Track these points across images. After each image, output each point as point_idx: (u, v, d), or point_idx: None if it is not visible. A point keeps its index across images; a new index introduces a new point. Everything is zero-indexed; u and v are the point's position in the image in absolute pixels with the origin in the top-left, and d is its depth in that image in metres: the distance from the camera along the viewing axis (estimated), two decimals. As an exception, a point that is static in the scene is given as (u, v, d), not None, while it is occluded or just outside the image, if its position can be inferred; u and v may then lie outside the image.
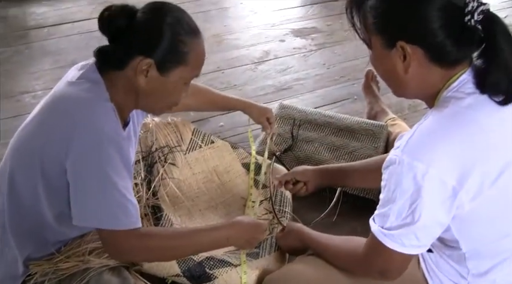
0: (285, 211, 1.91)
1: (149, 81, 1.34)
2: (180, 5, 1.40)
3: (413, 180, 1.09)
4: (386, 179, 1.17)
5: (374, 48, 1.23)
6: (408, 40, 1.14)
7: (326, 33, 3.71)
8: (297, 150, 2.29)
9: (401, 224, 1.14)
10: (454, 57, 1.16)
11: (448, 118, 1.14)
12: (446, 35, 1.12)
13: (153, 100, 1.42)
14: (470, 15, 1.09)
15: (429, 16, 1.11)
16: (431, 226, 1.14)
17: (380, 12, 1.17)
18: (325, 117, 2.45)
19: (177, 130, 1.97)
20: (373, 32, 1.20)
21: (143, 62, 1.31)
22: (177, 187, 1.87)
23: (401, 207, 1.13)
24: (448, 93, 1.17)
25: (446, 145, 1.10)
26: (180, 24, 1.34)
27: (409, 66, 1.17)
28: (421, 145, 1.12)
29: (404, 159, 1.11)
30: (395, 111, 2.73)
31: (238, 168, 2.03)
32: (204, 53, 1.43)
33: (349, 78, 3.13)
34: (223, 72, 3.17)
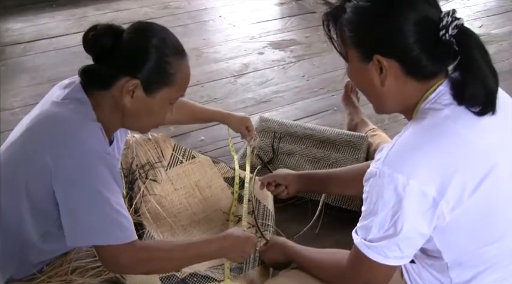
0: (268, 225, 1.90)
1: (135, 101, 1.34)
2: (158, 19, 1.41)
3: (395, 192, 1.10)
4: (367, 191, 1.17)
5: (351, 61, 1.24)
6: (384, 54, 1.16)
7: (305, 45, 3.73)
8: (278, 163, 2.28)
9: (383, 236, 1.15)
10: (430, 71, 1.18)
11: (427, 129, 1.15)
12: (422, 49, 1.13)
13: (138, 120, 1.42)
14: (444, 29, 1.11)
15: (405, 30, 1.13)
16: (413, 237, 1.15)
17: (356, 26, 1.19)
18: (305, 130, 2.46)
19: (158, 146, 1.95)
20: (350, 45, 1.21)
21: (129, 82, 1.31)
22: (159, 204, 1.86)
23: (383, 218, 1.13)
24: (426, 105, 1.18)
25: (426, 156, 1.11)
26: (167, 45, 1.35)
27: (386, 79, 1.18)
28: (401, 157, 1.12)
29: (385, 171, 1.11)
30: (376, 121, 2.74)
31: (220, 182, 2.02)
32: (190, 72, 1.43)
33: (328, 89, 3.15)
34: (203, 86, 3.16)
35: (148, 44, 1.32)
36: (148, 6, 4.31)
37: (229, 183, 2.03)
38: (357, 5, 1.18)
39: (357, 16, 1.18)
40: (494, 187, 1.14)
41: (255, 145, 2.14)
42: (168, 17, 4.10)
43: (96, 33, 1.33)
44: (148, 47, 1.32)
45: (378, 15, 1.16)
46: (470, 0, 4.52)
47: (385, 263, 1.17)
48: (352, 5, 1.19)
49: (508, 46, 3.78)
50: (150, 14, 4.14)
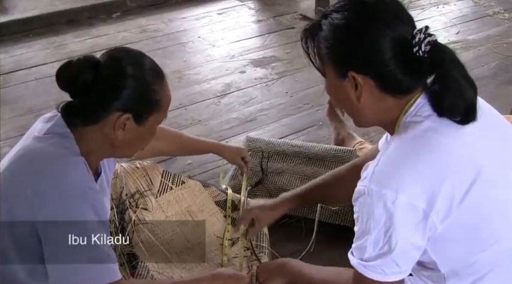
0: (263, 246, 1.89)
1: (126, 132, 1.33)
2: (138, 42, 1.40)
3: (384, 208, 1.11)
4: (357, 211, 1.18)
5: (328, 77, 1.26)
6: (359, 70, 1.18)
7: (286, 61, 3.74)
8: (268, 183, 2.27)
9: (379, 254, 1.15)
10: (405, 87, 1.19)
11: (410, 142, 1.16)
12: (396, 65, 1.15)
13: (128, 148, 1.41)
14: (417, 46, 1.13)
15: (379, 48, 1.15)
16: (408, 250, 1.15)
17: (332, 43, 1.20)
18: (293, 147, 2.45)
19: (146, 174, 1.93)
20: (326, 61, 1.23)
21: (122, 117, 1.30)
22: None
23: (377, 236, 1.14)
24: (407, 118, 1.20)
25: (412, 170, 1.11)
26: (146, 71, 1.33)
27: (361, 95, 1.19)
28: (387, 173, 1.13)
29: (373, 188, 1.12)
30: (362, 134, 2.75)
31: (211, 206, 2.00)
32: (170, 92, 1.43)
33: (312, 104, 3.15)
34: (186, 108, 3.15)
35: (127, 75, 1.29)
36: (127, 30, 4.29)
37: (220, 207, 2.01)
38: (332, 22, 1.20)
39: (332, 33, 1.20)
40: (482, 193, 1.14)
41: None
42: (146, 40, 4.09)
43: (74, 69, 1.29)
44: (128, 78, 1.29)
45: (352, 32, 1.17)
46: (446, 8, 4.59)
47: (385, 280, 1.17)
48: (328, 22, 1.21)
49: (486, 51, 3.83)
50: (129, 38, 4.13)
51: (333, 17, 1.20)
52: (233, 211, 2.01)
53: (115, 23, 4.48)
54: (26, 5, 4.54)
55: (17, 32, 4.17)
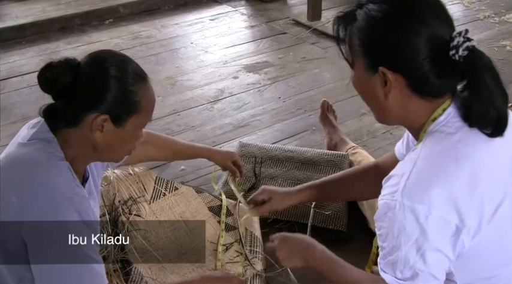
0: (256, 252, 1.89)
1: (105, 134, 1.32)
2: (130, 49, 1.40)
3: (417, 223, 1.08)
4: (386, 226, 1.14)
5: (356, 70, 1.22)
6: (391, 67, 1.14)
7: (278, 66, 3.75)
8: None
9: (414, 273, 1.12)
10: (436, 90, 1.16)
11: (442, 156, 1.12)
12: (430, 66, 1.12)
13: (111, 151, 1.40)
14: (455, 49, 1.09)
15: (415, 46, 1.11)
16: (442, 261, 1.13)
17: (366, 35, 1.16)
18: (285, 152, 2.46)
19: (139, 181, 1.93)
20: (357, 53, 1.19)
21: (98, 118, 1.29)
22: (144, 238, 1.83)
23: (408, 252, 1.11)
24: (436, 127, 1.17)
25: (445, 185, 1.08)
26: (127, 73, 1.32)
27: (389, 93, 1.16)
28: (419, 187, 1.10)
29: (405, 203, 1.09)
30: (354, 138, 2.76)
31: (205, 212, 2.01)
32: (154, 95, 1.41)
33: (305, 109, 3.16)
34: (180, 114, 3.15)
35: (108, 76, 1.29)
36: (119, 37, 4.30)
37: (214, 212, 2.01)
38: (368, 13, 1.16)
39: (367, 25, 1.16)
40: (507, 213, 1.13)
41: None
42: (139, 46, 4.09)
43: (54, 71, 1.29)
44: (109, 80, 1.29)
45: (389, 27, 1.13)
46: (437, 12, 4.60)
47: None
48: (363, 13, 1.17)
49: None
50: (122, 45, 4.13)
51: (369, 7, 1.16)
52: (227, 216, 2.01)
53: (107, 30, 4.48)
54: (19, 12, 4.55)
55: (9, 39, 4.17)
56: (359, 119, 3.02)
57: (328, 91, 3.36)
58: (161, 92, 3.42)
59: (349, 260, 1.39)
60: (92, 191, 1.51)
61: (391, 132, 2.87)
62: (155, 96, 1.42)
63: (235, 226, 1.97)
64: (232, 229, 1.97)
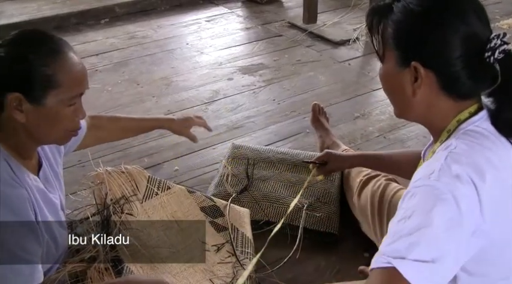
0: (247, 252, 1.89)
1: (27, 114, 1.29)
2: (126, 49, 1.39)
3: (453, 197, 1.01)
4: (412, 206, 1.04)
5: (386, 63, 1.20)
6: (424, 63, 1.12)
7: (273, 68, 3.76)
8: (253, 190, 2.28)
9: (439, 252, 1.00)
10: (466, 90, 1.14)
11: (479, 151, 1.09)
12: (464, 66, 1.10)
13: (45, 132, 1.35)
14: (491, 51, 1.08)
15: (451, 43, 1.09)
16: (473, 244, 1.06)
17: (402, 28, 1.15)
18: (278, 154, 2.47)
19: (132, 179, 1.92)
20: (390, 46, 1.18)
21: (10, 98, 1.26)
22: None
23: (439, 231, 1.00)
24: (469, 126, 1.14)
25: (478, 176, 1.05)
26: (40, 46, 1.29)
27: (419, 89, 1.15)
28: (455, 167, 1.05)
29: (443, 180, 1.03)
30: (348, 141, 2.77)
31: (196, 212, 2.00)
32: (77, 65, 1.35)
33: (299, 112, 3.17)
34: (174, 115, 3.11)
35: (17, 52, 1.26)
36: (115, 37, 4.30)
37: (205, 213, 2.01)
38: (406, 6, 1.14)
39: (404, 18, 1.14)
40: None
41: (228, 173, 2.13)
42: (135, 46, 4.09)
43: None
44: (18, 54, 1.26)
45: (427, 21, 1.11)
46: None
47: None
48: (401, 6, 1.15)
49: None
50: (117, 44, 4.13)
51: (407, 1, 1.14)
52: (217, 217, 2.01)
53: (103, 29, 4.49)
54: (13, 11, 4.54)
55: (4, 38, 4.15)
56: (353, 122, 3.03)
57: (322, 94, 3.37)
58: (156, 92, 3.42)
59: (340, 262, 1.39)
60: (48, 178, 1.49)
61: (385, 136, 2.88)
62: (81, 65, 1.36)
63: (226, 227, 1.97)
64: (223, 230, 1.97)
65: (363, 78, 3.62)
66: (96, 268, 1.66)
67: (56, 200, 1.49)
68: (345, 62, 3.85)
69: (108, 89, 3.47)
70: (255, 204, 2.21)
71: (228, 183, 2.22)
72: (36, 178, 1.41)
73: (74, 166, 2.51)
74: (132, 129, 2.04)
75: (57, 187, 1.55)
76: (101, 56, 3.97)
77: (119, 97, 3.36)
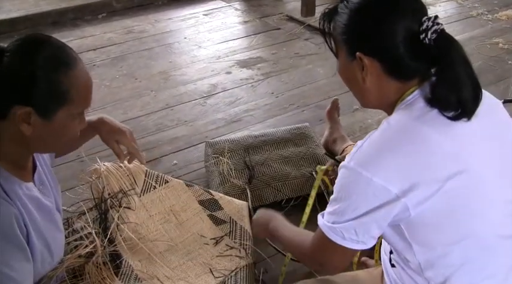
0: (246, 244, 1.89)
1: (34, 127, 1.26)
2: (123, 43, 1.37)
3: (357, 185, 1.17)
4: (337, 181, 1.24)
5: (339, 58, 1.32)
6: (366, 52, 1.22)
7: (271, 62, 3.75)
8: (260, 175, 2.32)
9: (343, 220, 1.21)
10: (411, 71, 1.23)
11: (397, 130, 1.19)
12: (404, 49, 1.19)
13: (46, 144, 1.34)
14: (424, 33, 1.17)
15: (388, 32, 1.19)
16: (369, 223, 1.19)
17: (346, 24, 1.25)
18: (258, 138, 2.54)
19: (130, 173, 1.92)
20: (339, 42, 1.30)
21: (21, 111, 1.22)
22: (134, 231, 1.83)
23: (346, 206, 1.20)
24: (402, 106, 1.23)
25: (391, 157, 1.15)
26: (53, 61, 1.25)
27: (366, 77, 1.24)
28: (367, 155, 1.18)
29: (352, 166, 1.18)
30: (347, 133, 2.76)
31: (195, 205, 2.00)
32: (88, 80, 1.32)
33: (298, 105, 3.16)
34: (172, 109, 3.15)
35: (30, 66, 1.22)
36: (112, 31, 4.29)
37: (204, 206, 2.01)
38: (348, 5, 1.26)
39: (346, 15, 1.25)
40: (459, 189, 1.16)
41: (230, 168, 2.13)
42: (132, 41, 4.08)
43: None
44: (33, 69, 1.21)
45: (364, 15, 1.23)
46: (431, 9, 4.62)
47: (342, 244, 1.22)
48: (343, 5, 1.27)
49: (469, 51, 3.85)
50: (115, 39, 4.12)
51: (349, 0, 1.26)
52: (215, 210, 2.01)
53: (100, 24, 4.47)
54: (11, 6, 4.53)
55: (1, 33, 4.16)
56: (351, 115, 3.03)
57: (321, 87, 3.36)
58: (154, 87, 3.41)
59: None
60: (43, 180, 1.47)
61: (383, 128, 2.88)
62: (91, 80, 1.33)
63: (225, 220, 1.97)
64: (221, 223, 1.97)
65: (362, 71, 3.61)
66: (94, 263, 1.66)
67: (50, 203, 1.46)
68: (344, 55, 3.84)
69: (106, 84, 3.46)
70: (267, 187, 2.27)
71: (233, 178, 2.25)
72: (30, 185, 1.38)
73: (72, 161, 2.50)
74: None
75: (53, 187, 1.53)
76: (98, 50, 3.96)
77: (117, 92, 3.36)
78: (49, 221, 1.44)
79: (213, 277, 1.75)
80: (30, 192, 1.37)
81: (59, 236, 1.50)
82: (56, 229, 1.48)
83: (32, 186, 1.39)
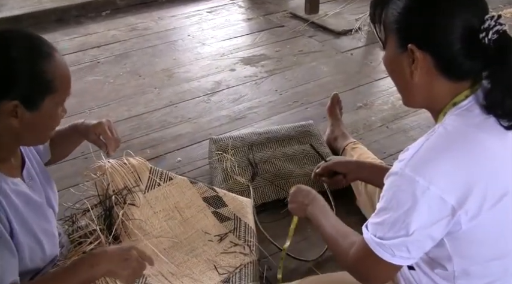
0: (250, 241, 1.89)
1: (22, 120, 1.27)
2: (127, 41, 1.37)
3: (412, 195, 1.09)
4: (385, 189, 1.16)
5: (388, 48, 1.23)
6: (420, 45, 1.14)
7: (275, 59, 3.75)
8: (264, 173, 2.32)
9: (394, 235, 1.14)
10: (463, 71, 1.16)
11: (455, 137, 1.13)
12: (460, 47, 1.12)
13: (35, 134, 1.35)
14: (485, 32, 1.09)
15: (446, 26, 1.11)
16: (424, 240, 1.14)
17: (400, 12, 1.17)
18: (262, 135, 2.53)
19: (134, 170, 1.92)
20: (390, 31, 1.20)
21: (7, 106, 1.23)
22: (139, 228, 1.83)
23: (397, 218, 1.13)
24: (456, 111, 1.17)
25: (450, 165, 1.10)
26: (32, 52, 1.26)
27: (416, 71, 1.17)
28: (425, 161, 1.11)
29: (407, 173, 1.11)
30: (351, 131, 2.76)
31: (199, 202, 2.00)
32: (67, 67, 1.33)
33: (302, 102, 3.16)
34: (176, 106, 3.15)
35: (10, 59, 1.22)
36: (116, 29, 4.29)
37: (208, 203, 2.01)
38: None
39: (401, 2, 1.17)
40: (510, 206, 1.14)
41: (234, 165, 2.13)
42: (136, 38, 4.08)
43: None
44: (11, 62, 1.22)
45: (423, 5, 1.15)
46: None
47: (391, 261, 1.17)
48: None
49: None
50: (118, 36, 4.12)
51: None
52: (219, 207, 2.01)
53: (104, 21, 4.47)
54: (15, 3, 4.53)
55: (5, 31, 4.15)
56: (355, 112, 3.02)
57: (324, 85, 3.36)
58: (158, 84, 3.41)
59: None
60: (32, 176, 1.48)
61: (387, 126, 2.87)
62: (68, 67, 1.34)
63: (229, 217, 1.97)
64: (226, 220, 1.97)
65: (365, 68, 3.61)
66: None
67: (39, 198, 1.46)
68: (347, 52, 3.84)
69: (110, 81, 3.46)
70: (270, 185, 2.27)
71: (236, 175, 2.25)
72: (17, 181, 1.38)
73: (77, 158, 2.51)
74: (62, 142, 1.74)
75: (44, 183, 1.52)
76: (102, 48, 3.96)
77: (121, 89, 3.36)
78: (39, 217, 1.44)
79: (218, 274, 1.76)
80: (17, 187, 1.37)
81: (51, 232, 1.50)
82: (47, 224, 1.48)
83: (19, 182, 1.40)
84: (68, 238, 1.74)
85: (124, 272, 1.33)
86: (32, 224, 1.38)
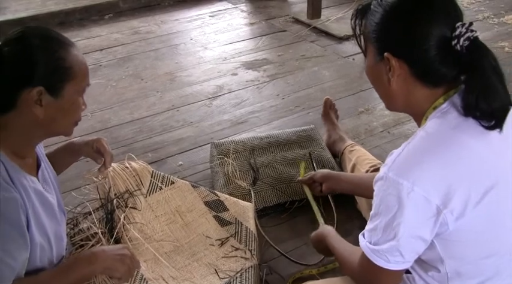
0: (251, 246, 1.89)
1: (46, 108, 1.31)
2: (130, 44, 1.39)
3: (398, 198, 1.12)
4: (375, 195, 1.20)
5: (368, 57, 1.29)
6: (396, 53, 1.19)
7: (277, 63, 3.75)
8: (265, 177, 2.32)
9: (386, 239, 1.17)
10: (439, 77, 1.19)
11: (436, 138, 1.17)
12: (434, 54, 1.16)
13: (58, 124, 1.39)
14: (456, 39, 1.13)
15: (421, 35, 1.15)
16: (414, 242, 1.16)
17: (378, 23, 1.22)
18: (263, 139, 2.54)
19: (136, 174, 1.93)
20: (369, 40, 1.26)
21: (32, 92, 1.27)
22: (140, 231, 1.83)
23: (387, 222, 1.16)
24: (437, 114, 1.20)
25: (433, 165, 1.13)
26: (51, 41, 1.32)
27: (392, 78, 1.21)
28: (407, 164, 1.14)
29: (391, 177, 1.14)
30: (352, 136, 2.76)
31: (200, 206, 2.00)
32: (84, 59, 1.40)
33: (303, 107, 3.16)
34: (178, 110, 3.15)
35: (32, 48, 1.28)
36: (119, 32, 4.30)
37: (209, 207, 2.01)
38: (381, 3, 1.22)
39: (379, 14, 1.21)
40: (495, 202, 1.16)
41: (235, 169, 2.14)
42: (139, 42, 4.09)
43: None
44: (34, 51, 1.28)
45: (398, 14, 1.19)
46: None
47: (387, 268, 1.20)
48: (376, 3, 1.24)
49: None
50: (121, 39, 4.13)
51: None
52: (221, 211, 2.01)
53: (107, 25, 4.49)
54: (18, 6, 4.55)
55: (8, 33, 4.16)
56: (357, 117, 3.03)
57: (326, 89, 3.36)
58: (160, 88, 3.42)
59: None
60: (46, 177, 1.50)
61: (389, 131, 2.88)
62: (85, 59, 1.40)
63: (230, 221, 1.97)
64: (227, 224, 1.97)
65: (367, 73, 3.61)
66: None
67: (53, 200, 1.48)
68: (349, 57, 3.84)
69: (113, 84, 3.47)
70: (272, 189, 2.27)
71: (238, 179, 2.26)
72: (34, 179, 1.41)
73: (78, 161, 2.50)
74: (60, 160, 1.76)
75: (55, 186, 1.55)
76: (105, 51, 3.97)
77: (123, 93, 3.37)
78: (52, 219, 1.46)
79: (218, 278, 1.76)
80: (35, 185, 1.40)
81: (60, 235, 1.52)
82: (58, 227, 1.50)
83: (36, 180, 1.42)
84: (70, 241, 1.75)
85: (121, 269, 1.42)
86: (45, 224, 1.40)
